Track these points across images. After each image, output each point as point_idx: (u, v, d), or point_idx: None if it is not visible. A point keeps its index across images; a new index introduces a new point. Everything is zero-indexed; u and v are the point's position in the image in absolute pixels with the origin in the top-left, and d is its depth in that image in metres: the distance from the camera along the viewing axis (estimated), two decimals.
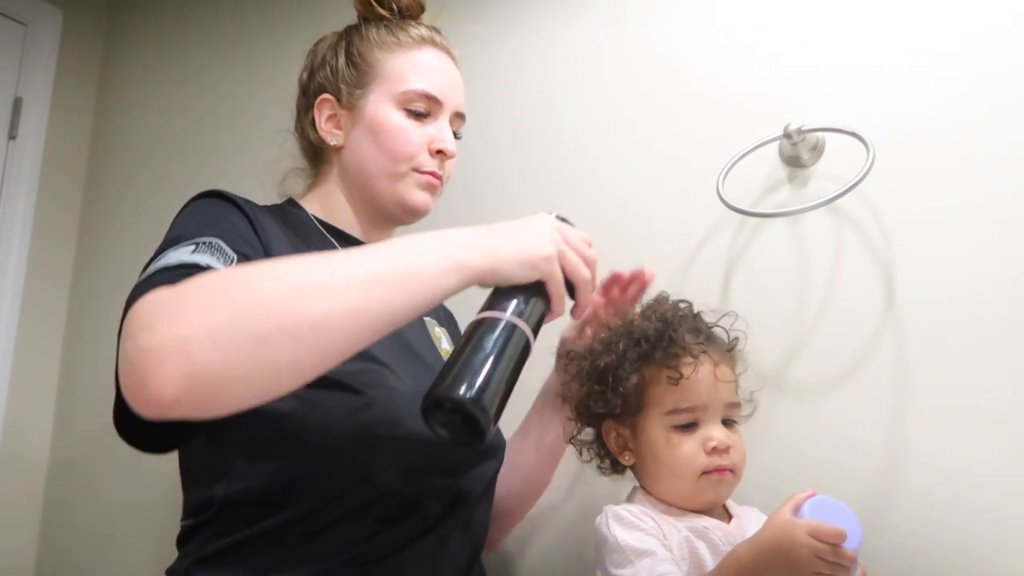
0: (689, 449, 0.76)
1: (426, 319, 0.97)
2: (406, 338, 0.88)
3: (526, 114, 1.27)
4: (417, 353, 0.87)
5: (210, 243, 0.67)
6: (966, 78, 0.94)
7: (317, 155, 0.96)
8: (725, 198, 0.99)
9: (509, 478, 0.94)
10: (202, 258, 0.64)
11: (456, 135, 0.94)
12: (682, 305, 0.85)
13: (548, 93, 1.25)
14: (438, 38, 0.94)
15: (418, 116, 0.89)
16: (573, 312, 0.74)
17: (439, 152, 0.89)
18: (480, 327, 0.64)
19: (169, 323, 0.52)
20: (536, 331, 0.67)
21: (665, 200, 1.12)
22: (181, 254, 0.65)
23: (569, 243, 0.71)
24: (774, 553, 0.66)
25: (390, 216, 0.92)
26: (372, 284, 0.58)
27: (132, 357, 0.52)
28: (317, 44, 0.98)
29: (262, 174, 1.47)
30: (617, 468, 0.85)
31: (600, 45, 1.22)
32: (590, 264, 0.72)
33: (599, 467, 0.86)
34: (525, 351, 0.65)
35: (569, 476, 1.08)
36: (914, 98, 0.97)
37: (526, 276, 0.67)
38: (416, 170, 0.89)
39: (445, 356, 0.93)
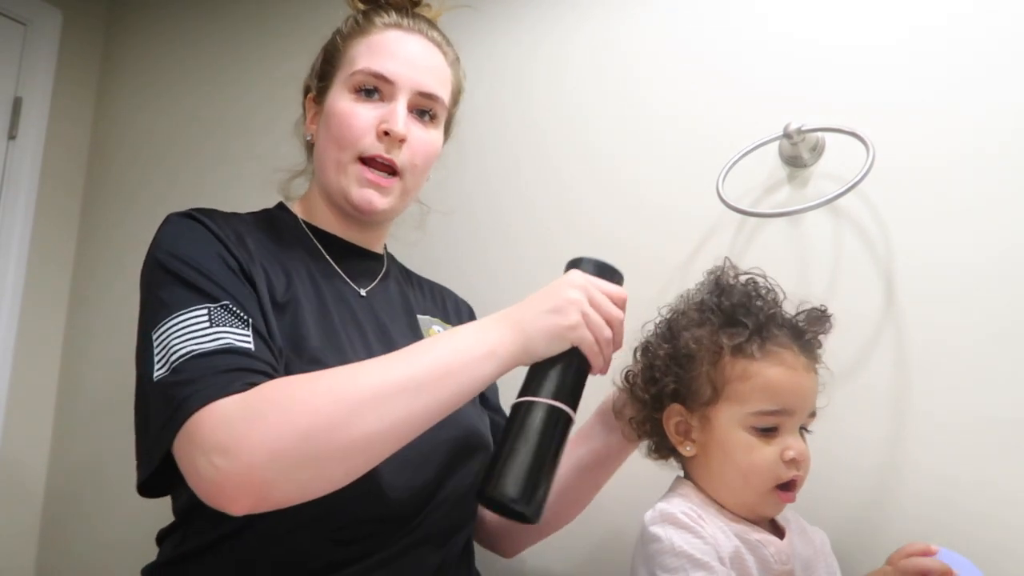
0: (768, 457, 0.71)
1: (421, 317, 0.95)
2: (388, 332, 0.86)
3: (514, 115, 1.27)
4: (396, 347, 0.85)
5: (224, 308, 0.69)
6: (966, 78, 0.94)
7: (310, 156, 0.95)
8: (725, 198, 0.99)
9: None
10: (227, 334, 0.67)
11: (428, 113, 0.88)
12: (775, 290, 0.79)
13: (558, 93, 1.25)
14: (408, 22, 0.89)
15: (368, 98, 0.85)
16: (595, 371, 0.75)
17: (385, 134, 0.83)
18: (520, 413, 0.68)
19: (241, 450, 0.59)
20: (577, 399, 0.71)
21: (665, 200, 1.12)
22: (202, 330, 0.66)
23: (595, 303, 0.72)
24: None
25: (347, 213, 0.89)
26: (417, 391, 0.64)
27: (209, 477, 0.60)
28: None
29: (261, 173, 1.47)
30: (670, 454, 0.79)
31: (599, 47, 1.22)
32: (613, 323, 0.73)
33: (651, 448, 0.80)
34: (566, 428, 0.69)
35: None
36: (915, 98, 0.97)
37: (558, 348, 0.70)
38: (360, 159, 0.84)
39: None
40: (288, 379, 0.66)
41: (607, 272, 0.77)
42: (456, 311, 1.04)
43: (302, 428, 0.60)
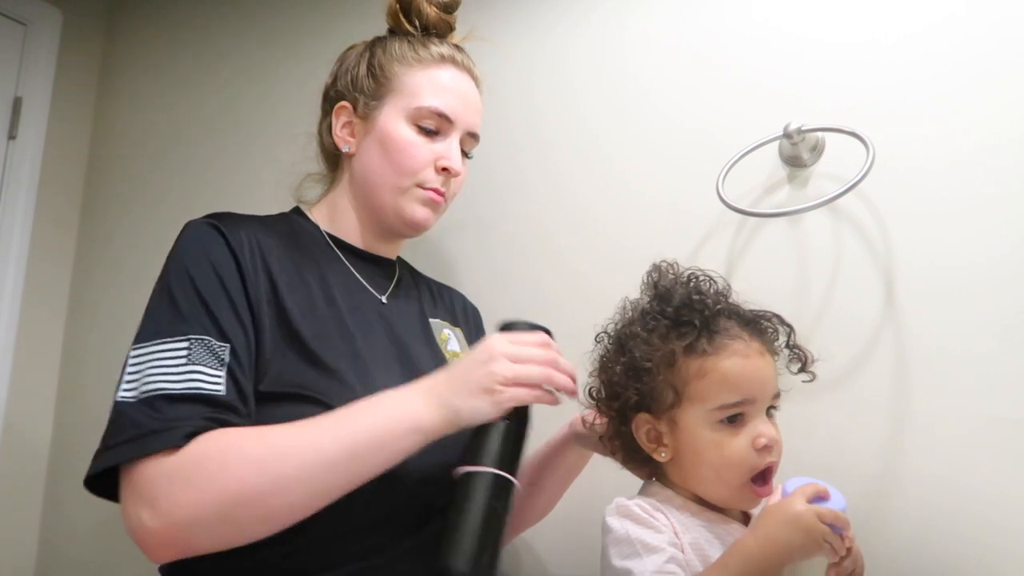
0: (740, 450, 0.71)
1: (433, 321, 0.97)
2: (405, 343, 0.88)
3: (516, 115, 1.27)
4: (415, 361, 0.87)
5: (204, 344, 0.72)
6: (967, 78, 0.94)
7: (332, 161, 0.98)
8: (725, 198, 0.99)
9: None
10: (199, 376, 0.70)
11: (466, 154, 0.96)
12: (716, 281, 0.79)
13: (558, 93, 1.25)
14: (459, 56, 0.95)
15: (428, 133, 0.90)
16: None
17: (444, 170, 0.90)
18: (462, 485, 0.69)
19: (165, 511, 0.65)
20: (515, 461, 0.72)
21: (665, 200, 1.12)
22: (177, 367, 0.70)
23: (518, 357, 0.73)
24: (783, 530, 0.66)
25: (391, 228, 0.93)
26: (342, 464, 0.67)
27: (135, 526, 0.66)
28: (346, 52, 0.99)
29: (260, 173, 1.48)
30: (645, 464, 0.79)
31: (599, 47, 1.22)
32: (547, 363, 0.74)
33: (625, 461, 0.81)
34: (508, 495, 0.70)
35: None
36: (915, 98, 0.97)
37: (490, 412, 0.71)
38: (420, 185, 0.90)
39: (452, 359, 0.93)
40: (226, 440, 0.68)
41: (528, 330, 0.79)
42: (464, 314, 1.05)
43: (227, 497, 0.65)
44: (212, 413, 0.69)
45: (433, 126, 0.90)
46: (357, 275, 0.91)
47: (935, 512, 0.88)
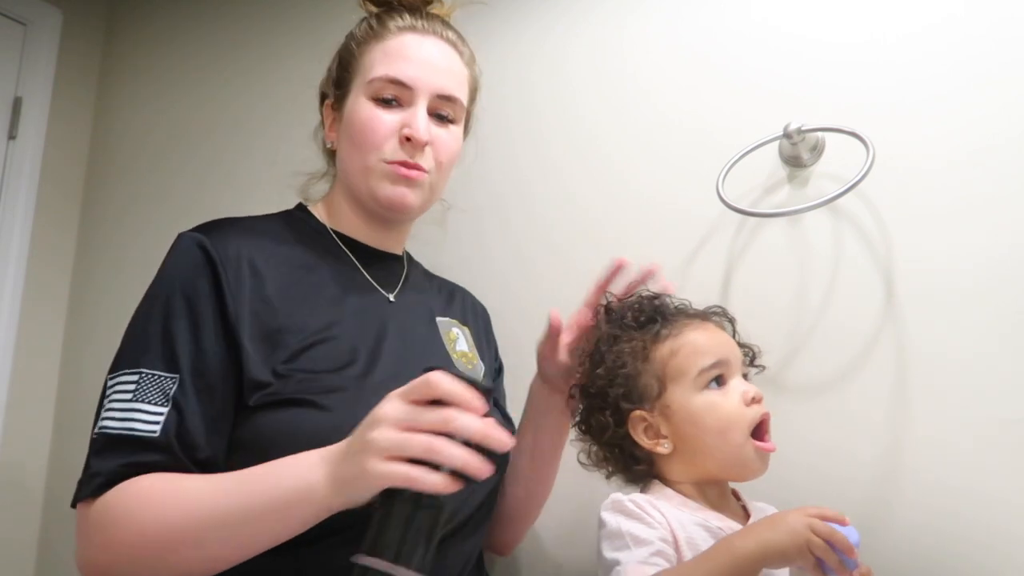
0: (732, 406, 0.75)
1: (441, 320, 0.96)
2: (411, 344, 0.87)
3: (515, 115, 1.27)
4: (420, 362, 0.85)
5: (154, 379, 0.72)
6: (967, 78, 0.94)
7: (331, 161, 0.96)
8: (725, 198, 0.99)
9: (510, 485, 0.93)
10: (137, 417, 0.71)
11: (447, 120, 0.89)
12: (660, 296, 0.85)
13: (558, 93, 1.25)
14: (421, 23, 0.89)
15: (388, 105, 0.85)
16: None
17: (408, 139, 0.84)
18: None
19: (91, 551, 0.70)
20: (414, 548, 0.57)
21: (665, 200, 1.12)
22: (122, 403, 0.72)
23: (415, 424, 0.59)
24: (767, 526, 0.67)
25: (376, 214, 0.90)
26: (230, 528, 0.65)
27: (77, 556, 0.72)
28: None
29: (261, 172, 1.47)
30: (644, 471, 0.80)
31: (599, 47, 1.22)
32: (435, 429, 0.58)
33: (627, 476, 0.82)
34: None
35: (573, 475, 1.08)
36: (914, 98, 0.97)
37: (367, 490, 0.59)
38: (385, 161, 0.85)
39: (459, 359, 0.93)
40: (137, 487, 0.69)
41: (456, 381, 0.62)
42: (473, 313, 1.04)
43: (132, 544, 0.67)
44: (136, 458, 0.69)
45: (391, 95, 0.85)
46: (364, 273, 0.90)
47: (935, 515, 0.87)
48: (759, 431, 0.75)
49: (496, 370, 1.04)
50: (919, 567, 0.87)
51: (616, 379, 0.78)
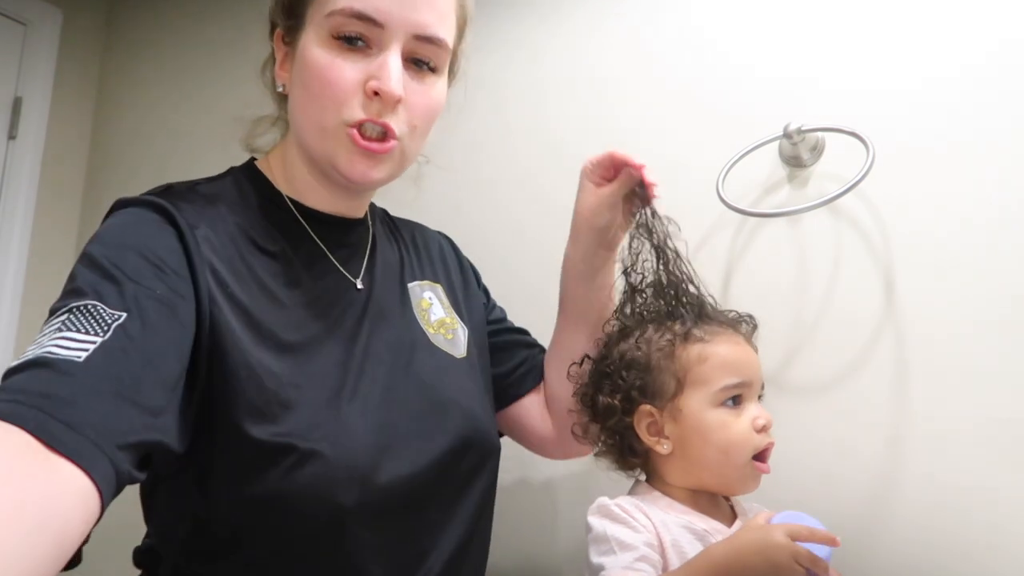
0: (742, 429, 0.74)
1: (411, 286, 0.84)
2: (379, 340, 0.77)
3: (519, 115, 1.27)
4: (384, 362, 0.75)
5: (85, 309, 0.57)
6: (966, 78, 0.94)
7: (283, 105, 0.79)
8: (725, 198, 0.99)
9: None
10: (59, 343, 0.54)
11: (428, 67, 0.72)
12: (693, 280, 0.83)
13: (542, 93, 1.25)
14: None
15: (351, 45, 0.69)
16: None
17: (376, 94, 0.68)
18: None
19: None
20: None
21: (665, 200, 1.11)
22: (45, 338, 0.55)
23: None
24: (753, 554, 0.66)
25: (337, 183, 0.75)
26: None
27: None
28: None
29: None
30: (637, 464, 0.80)
31: (597, 45, 1.22)
32: None
33: (619, 464, 0.81)
34: None
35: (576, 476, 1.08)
36: (914, 97, 0.97)
37: None
38: (348, 123, 0.69)
39: (434, 332, 0.83)
40: None
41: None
42: (441, 257, 0.93)
43: None
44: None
45: (355, 32, 0.68)
46: (330, 256, 0.77)
47: (936, 513, 0.87)
48: (760, 455, 0.75)
49: (484, 304, 0.96)
50: (920, 565, 0.87)
51: (634, 367, 0.77)
